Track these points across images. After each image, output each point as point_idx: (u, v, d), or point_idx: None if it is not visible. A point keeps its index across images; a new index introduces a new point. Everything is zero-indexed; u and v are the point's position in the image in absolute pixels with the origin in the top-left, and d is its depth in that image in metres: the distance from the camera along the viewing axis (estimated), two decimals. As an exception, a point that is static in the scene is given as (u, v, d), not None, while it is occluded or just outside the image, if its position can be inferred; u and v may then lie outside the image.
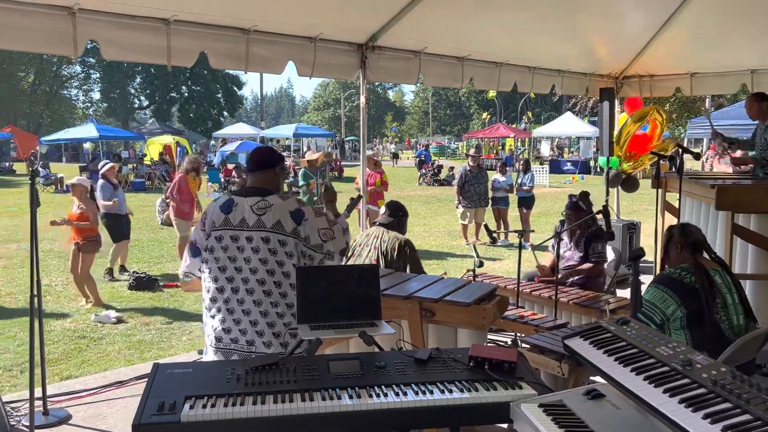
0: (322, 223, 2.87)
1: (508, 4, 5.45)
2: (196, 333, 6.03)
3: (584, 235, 5.33)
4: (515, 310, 4.51)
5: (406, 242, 4.35)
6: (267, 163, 2.97)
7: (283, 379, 2.25)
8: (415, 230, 12.04)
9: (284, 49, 4.89)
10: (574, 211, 5.43)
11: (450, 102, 69.31)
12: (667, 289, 3.18)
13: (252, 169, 2.98)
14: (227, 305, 2.81)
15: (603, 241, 5.33)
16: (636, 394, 1.76)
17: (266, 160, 2.99)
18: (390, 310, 3.29)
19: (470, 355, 2.40)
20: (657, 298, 3.19)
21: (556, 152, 36.52)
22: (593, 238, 5.29)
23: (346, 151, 43.66)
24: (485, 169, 11.73)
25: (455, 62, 6.15)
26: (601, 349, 2.05)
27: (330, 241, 2.87)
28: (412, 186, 23.51)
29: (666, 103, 19.72)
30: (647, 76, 7.88)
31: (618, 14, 6.32)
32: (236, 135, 36.27)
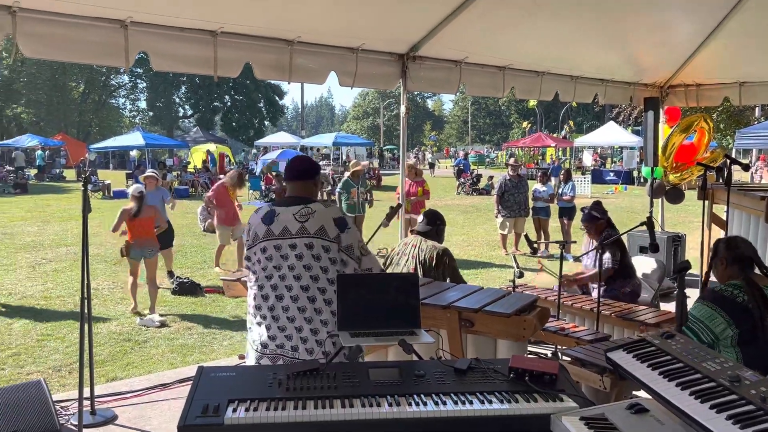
0: (360, 236, 2.95)
1: (550, 15, 5.41)
2: (236, 338, 6.13)
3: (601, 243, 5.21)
4: (556, 322, 4.45)
5: (444, 251, 4.35)
6: (308, 173, 3.02)
7: (323, 384, 2.28)
8: (453, 240, 12.00)
9: (326, 59, 4.96)
10: (589, 222, 5.33)
11: (489, 111, 68.90)
12: (717, 307, 3.04)
13: (292, 178, 3.01)
14: (272, 312, 2.86)
15: (612, 247, 5.12)
16: (681, 410, 1.73)
17: (307, 170, 3.04)
18: (429, 320, 3.29)
19: (510, 366, 2.38)
20: (705, 315, 3.05)
21: (599, 162, 35.90)
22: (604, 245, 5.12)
23: (385, 160, 43.82)
24: (525, 179, 11.62)
25: (496, 71, 6.14)
26: (645, 362, 2.02)
27: (367, 257, 2.91)
28: (451, 195, 23.43)
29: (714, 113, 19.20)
30: (694, 85, 7.70)
31: (664, 23, 6.20)
32: (277, 144, 36.81)
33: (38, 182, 28.81)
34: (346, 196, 9.76)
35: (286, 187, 3.08)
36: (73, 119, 49.79)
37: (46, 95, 46.79)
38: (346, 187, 9.83)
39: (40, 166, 31.65)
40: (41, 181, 29.55)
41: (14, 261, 10.08)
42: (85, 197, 4.10)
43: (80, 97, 50.72)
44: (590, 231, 5.41)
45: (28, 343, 6.01)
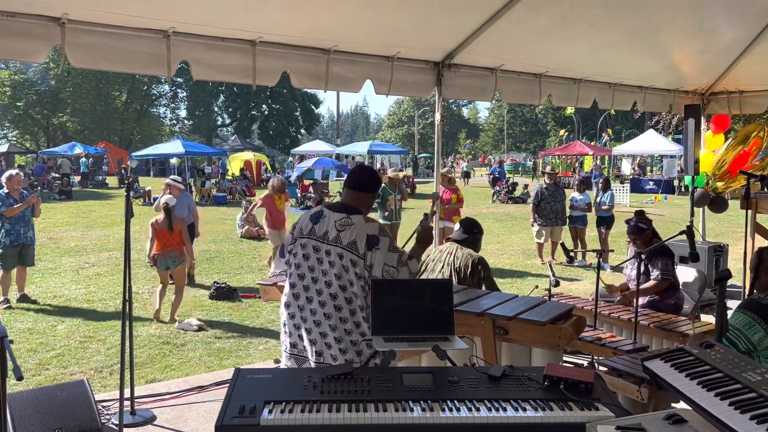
0: (391, 260, 2.81)
1: (587, 22, 5.37)
2: (272, 343, 6.20)
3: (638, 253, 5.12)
4: (592, 332, 4.39)
5: (479, 260, 4.34)
6: (363, 186, 3.02)
7: (357, 388, 2.30)
8: (488, 248, 11.92)
9: (362, 68, 5.02)
10: (636, 234, 5.22)
11: (525, 119, 68.31)
12: (755, 315, 2.99)
13: (349, 186, 3.03)
14: (301, 313, 2.90)
15: (665, 257, 5.06)
16: (721, 420, 1.70)
17: (367, 182, 3.03)
18: (463, 327, 3.29)
19: (545, 374, 2.37)
20: (743, 323, 3.00)
21: (638, 171, 35.20)
22: (653, 254, 5.03)
23: (420, 168, 43.81)
24: (562, 187, 11.48)
25: (532, 79, 6.10)
26: (683, 372, 1.99)
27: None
28: (486, 204, 23.28)
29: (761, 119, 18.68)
30: (736, 92, 7.52)
31: (706, 29, 6.08)
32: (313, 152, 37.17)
33: (82, 189, 29.66)
34: (382, 203, 9.79)
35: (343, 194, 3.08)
36: (115, 128, 51.16)
37: (90, 104, 48.17)
38: (384, 194, 9.85)
39: (84, 173, 32.60)
40: (85, 187, 30.42)
41: (59, 265, 10.40)
42: (128, 203, 4.22)
43: (122, 106, 52.09)
44: (637, 242, 5.29)
45: (71, 344, 6.19)
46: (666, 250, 5.09)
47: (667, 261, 5.07)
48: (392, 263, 2.82)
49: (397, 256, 2.85)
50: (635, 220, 5.29)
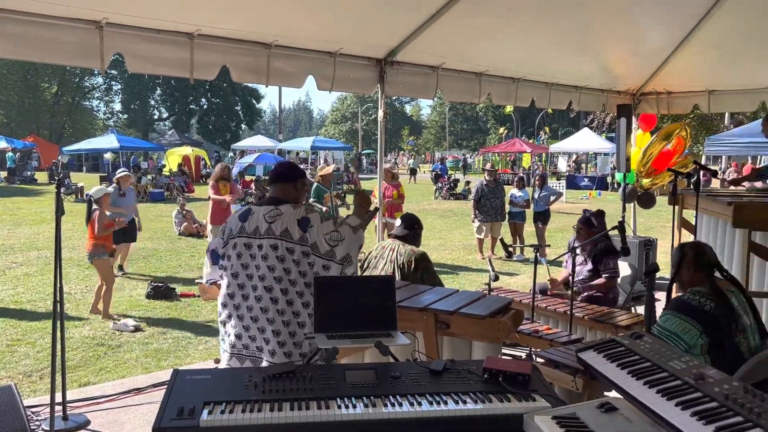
0: (327, 227, 2.86)
1: (525, 23, 5.50)
2: (212, 342, 6.09)
3: (594, 250, 5.37)
4: (530, 325, 4.51)
5: (422, 255, 4.38)
6: (286, 177, 3.06)
7: (299, 386, 2.29)
8: (430, 244, 12.06)
9: (304, 63, 4.97)
10: (584, 225, 5.49)
11: (467, 116, 69.37)
12: (688, 317, 3.07)
13: (272, 181, 3.10)
14: (238, 311, 2.89)
15: (615, 256, 5.34)
16: (648, 407, 1.78)
17: (286, 173, 3.09)
18: (405, 322, 3.32)
19: (485, 367, 2.42)
20: (679, 328, 3.07)
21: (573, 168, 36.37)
22: (604, 253, 5.31)
23: (363, 165, 43.85)
24: (502, 184, 11.74)
25: (473, 77, 6.20)
26: (614, 362, 2.07)
27: (340, 245, 2.84)
28: (428, 200, 23.53)
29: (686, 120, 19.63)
30: (665, 93, 7.87)
31: (636, 32, 6.34)
32: (254, 147, 36.64)
33: (9, 185, 28.24)
34: (318, 202, 9.74)
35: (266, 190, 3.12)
36: (45, 121, 48.92)
37: (18, 96, 45.91)
38: (318, 193, 9.81)
39: (10, 168, 31.03)
40: (12, 183, 28.97)
41: (-17, 265, 9.88)
42: (59, 200, 4.06)
43: (53, 98, 49.86)
44: (580, 233, 5.52)
45: (-3, 348, 5.90)
46: (614, 250, 5.32)
47: (616, 260, 5.33)
48: (330, 229, 2.86)
49: (331, 221, 2.91)
50: (591, 213, 5.53)
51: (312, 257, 2.82)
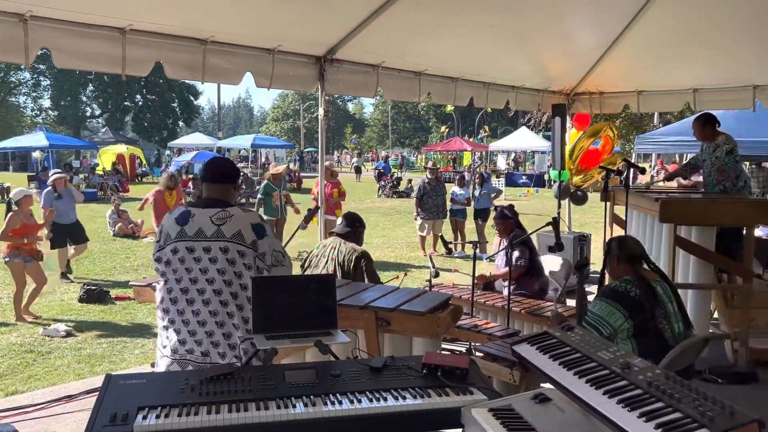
0: (277, 245, 2.87)
1: (463, 23, 5.59)
2: (149, 346, 5.92)
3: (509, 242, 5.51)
4: (469, 319, 4.61)
5: (363, 253, 4.40)
6: (227, 177, 2.96)
7: (237, 388, 2.26)
8: (374, 242, 12.10)
9: (242, 60, 4.90)
10: (500, 219, 5.65)
11: (409, 115, 69.86)
12: (614, 302, 3.28)
13: (210, 180, 2.95)
14: (182, 316, 2.80)
15: (522, 246, 5.41)
16: (578, 396, 1.85)
17: (226, 173, 2.98)
18: (346, 320, 3.32)
19: (423, 362, 2.45)
20: (605, 311, 3.28)
21: (512, 166, 37.23)
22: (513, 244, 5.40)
23: (306, 163, 43.55)
24: (443, 182, 11.90)
25: (413, 77, 6.26)
26: (546, 354, 2.14)
27: (279, 268, 2.84)
28: (371, 198, 23.60)
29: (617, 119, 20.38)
30: (597, 93, 8.16)
31: (569, 34, 6.54)
32: (192, 145, 35.76)
33: (-73, 185, 26.58)
34: (267, 200, 9.64)
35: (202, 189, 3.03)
36: (-33, 118, 46.38)
37: (-64, 91, 43.36)
38: (268, 190, 9.70)
39: (-72, 167, 29.27)
40: (-70, 183, 27.28)
41: None
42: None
43: (-25, 94, 47.32)
44: (500, 229, 5.70)
45: None
46: (522, 241, 5.45)
47: (523, 250, 5.43)
48: (279, 248, 2.88)
49: (279, 242, 2.92)
50: (503, 207, 5.69)
51: (259, 262, 2.79)
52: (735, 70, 6.77)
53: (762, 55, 6.37)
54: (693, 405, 1.64)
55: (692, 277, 5.18)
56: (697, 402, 1.66)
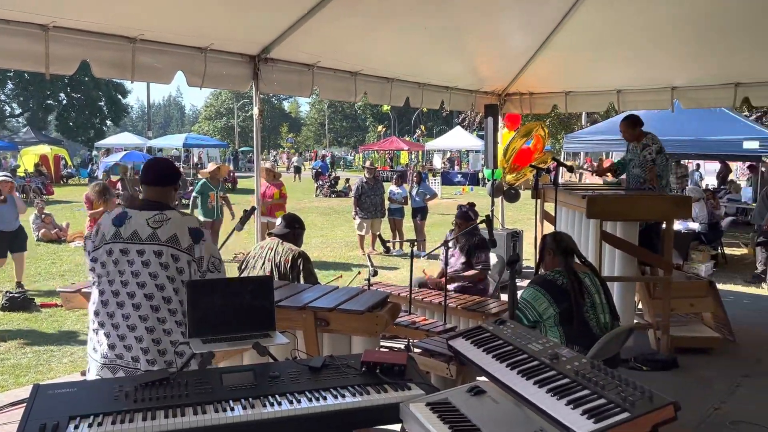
0: (214, 251, 2.85)
1: (396, 25, 5.66)
2: (78, 354, 5.70)
3: (467, 244, 5.66)
4: (408, 317, 4.67)
5: (300, 254, 4.39)
6: (167, 179, 2.91)
7: (174, 393, 2.23)
8: (312, 242, 12.05)
9: (173, 58, 4.79)
10: (463, 219, 5.76)
11: (346, 114, 69.76)
12: (541, 288, 3.47)
13: (150, 182, 2.89)
14: (112, 320, 2.74)
15: (486, 250, 5.66)
16: (510, 387, 1.93)
17: (166, 175, 2.93)
18: (285, 321, 3.32)
19: (362, 360, 2.49)
20: (532, 296, 3.48)
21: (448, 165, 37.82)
22: (477, 247, 5.61)
23: (240, 162, 42.79)
24: (381, 181, 11.97)
25: (348, 76, 6.29)
26: (480, 347, 2.22)
27: (215, 274, 2.83)
28: (309, 198, 23.46)
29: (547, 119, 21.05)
30: (527, 93, 8.42)
31: (499, 36, 6.73)
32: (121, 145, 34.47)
33: None
34: (203, 200, 9.41)
35: (141, 190, 2.96)
36: None
37: None
38: (204, 190, 9.47)
39: None
40: None
41: None
42: None
43: None
44: (460, 227, 5.78)
45: None
46: (485, 243, 5.62)
47: (487, 253, 5.64)
48: (217, 255, 2.86)
49: (216, 248, 2.90)
50: (468, 208, 5.80)
51: (194, 267, 2.76)
52: (655, 73, 7.14)
53: (679, 58, 6.74)
54: (616, 391, 1.74)
55: (617, 270, 5.43)
56: (620, 388, 1.76)
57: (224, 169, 10.33)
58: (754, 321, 6.55)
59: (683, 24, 5.98)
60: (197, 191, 9.55)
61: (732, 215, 12.81)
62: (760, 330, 6.22)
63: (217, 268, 2.85)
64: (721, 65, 6.65)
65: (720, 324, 5.90)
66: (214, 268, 2.83)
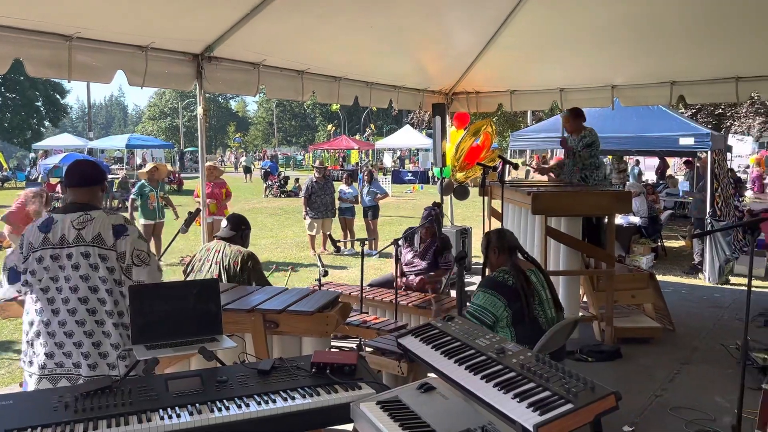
0: (140, 245, 2.76)
1: (342, 24, 5.64)
2: (16, 365, 5.47)
3: (433, 244, 5.69)
4: (359, 316, 4.67)
5: (249, 255, 4.32)
6: (90, 179, 2.83)
7: (117, 402, 2.17)
8: (262, 243, 11.91)
9: (112, 57, 4.64)
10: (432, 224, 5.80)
11: (295, 113, 69.19)
12: (494, 292, 3.46)
13: (74, 185, 2.80)
14: (48, 328, 2.64)
15: (450, 249, 5.72)
16: (458, 383, 1.95)
17: (89, 176, 2.84)
18: (233, 324, 3.27)
19: (312, 361, 2.48)
20: (487, 301, 3.46)
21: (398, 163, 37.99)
22: (444, 248, 5.67)
23: (186, 163, 41.90)
24: (331, 180, 11.92)
25: (295, 75, 6.23)
26: (429, 344, 2.23)
27: (143, 268, 2.73)
28: (258, 198, 23.16)
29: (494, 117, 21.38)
30: (474, 92, 8.54)
31: (445, 35, 6.79)
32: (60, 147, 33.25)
33: None
34: (143, 202, 9.18)
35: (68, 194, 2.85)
36: None
37: None
38: (143, 191, 9.24)
39: None
40: None
41: None
42: None
43: None
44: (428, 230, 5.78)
45: None
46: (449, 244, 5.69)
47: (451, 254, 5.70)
48: (142, 248, 2.77)
49: (146, 244, 2.82)
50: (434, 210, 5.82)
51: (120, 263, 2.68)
52: (596, 72, 7.36)
53: (618, 58, 6.96)
54: (560, 383, 1.78)
55: (563, 264, 5.57)
56: (564, 380, 1.81)
57: (163, 168, 10.05)
58: (691, 310, 6.83)
59: (622, 25, 6.18)
60: (136, 193, 9.31)
61: (670, 209, 13.34)
62: (697, 319, 6.49)
63: (144, 261, 2.74)
64: (657, 65, 6.90)
65: (660, 314, 6.13)
66: (140, 261, 2.73)
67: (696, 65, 6.77)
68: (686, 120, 10.95)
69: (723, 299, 7.37)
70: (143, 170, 10.15)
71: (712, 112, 15.55)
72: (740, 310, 4.51)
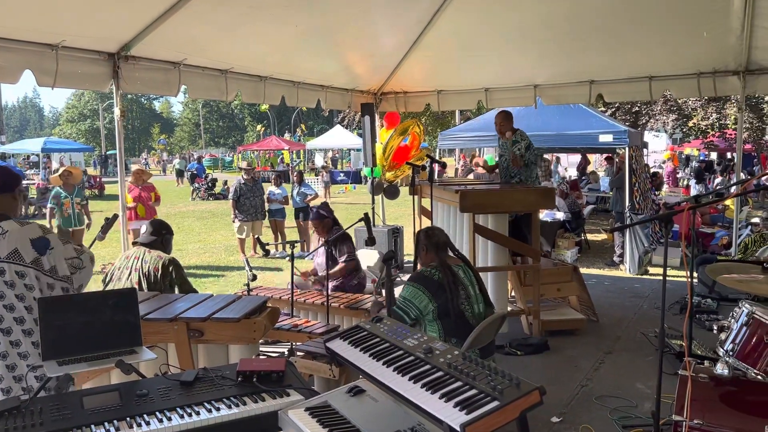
0: (69, 252, 2.65)
1: (267, 22, 5.54)
2: None
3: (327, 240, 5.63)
4: (289, 320, 4.59)
5: (170, 261, 4.16)
6: (4, 186, 2.64)
7: (26, 423, 2.02)
8: (189, 248, 11.57)
9: (19, 56, 4.37)
10: (318, 220, 5.71)
11: (222, 113, 67.72)
12: (419, 285, 3.52)
13: None
14: None
15: (347, 241, 5.63)
16: (386, 385, 1.93)
17: (3, 182, 2.65)
18: (154, 335, 3.14)
19: (238, 370, 2.40)
20: (411, 294, 3.51)
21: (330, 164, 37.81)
22: (336, 241, 5.54)
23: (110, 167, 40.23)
24: (260, 182, 11.70)
25: (218, 75, 6.08)
26: (358, 347, 2.20)
27: (81, 272, 2.66)
28: (185, 201, 22.49)
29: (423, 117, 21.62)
30: (402, 92, 8.59)
31: (371, 35, 6.79)
32: (-31, 151, 31.19)
33: None
34: (58, 209, 8.73)
35: None
36: None
37: None
38: (57, 198, 8.78)
39: None
40: None
41: None
42: None
43: None
44: (319, 229, 5.73)
45: None
46: (347, 236, 5.60)
47: (350, 245, 5.59)
48: (72, 254, 2.67)
49: (71, 246, 2.72)
50: (318, 208, 5.75)
51: (48, 280, 2.51)
52: (519, 72, 7.54)
53: (539, 58, 7.16)
54: (486, 381, 1.79)
55: (491, 260, 5.67)
56: (490, 378, 1.82)
57: (77, 172, 9.57)
58: (614, 301, 7.11)
59: (543, 27, 6.36)
60: (51, 201, 8.85)
61: (593, 204, 13.88)
62: (619, 309, 6.76)
63: (80, 266, 2.66)
64: (577, 65, 7.15)
65: (585, 306, 6.35)
66: (75, 267, 2.64)
67: (613, 65, 7.06)
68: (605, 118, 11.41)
69: (642, 289, 7.71)
70: (55, 175, 9.66)
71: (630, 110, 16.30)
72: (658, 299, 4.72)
